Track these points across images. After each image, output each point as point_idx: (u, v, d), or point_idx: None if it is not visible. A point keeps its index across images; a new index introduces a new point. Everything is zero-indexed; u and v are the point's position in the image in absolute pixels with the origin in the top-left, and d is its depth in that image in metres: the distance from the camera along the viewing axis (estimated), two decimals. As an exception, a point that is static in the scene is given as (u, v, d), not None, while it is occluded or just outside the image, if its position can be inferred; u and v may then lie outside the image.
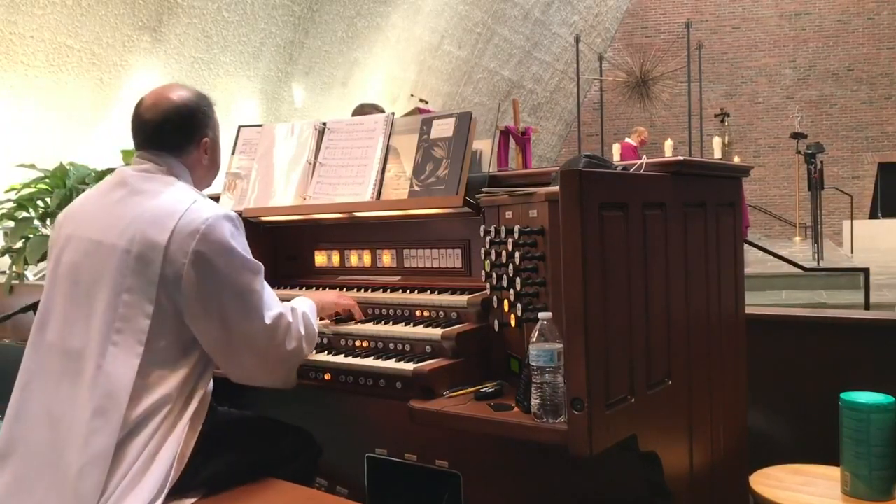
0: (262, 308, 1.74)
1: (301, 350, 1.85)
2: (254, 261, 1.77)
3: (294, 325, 1.82)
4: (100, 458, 1.59)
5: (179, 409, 1.70)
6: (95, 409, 1.61)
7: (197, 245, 1.65)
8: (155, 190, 1.75)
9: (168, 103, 1.82)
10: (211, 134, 1.90)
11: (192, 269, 1.65)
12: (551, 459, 2.02)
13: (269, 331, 1.75)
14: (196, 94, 1.89)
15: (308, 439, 2.04)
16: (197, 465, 1.75)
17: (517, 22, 13.67)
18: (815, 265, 8.00)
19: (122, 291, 1.65)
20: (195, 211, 1.69)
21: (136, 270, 1.65)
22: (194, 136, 1.85)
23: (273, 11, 8.61)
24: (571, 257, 1.47)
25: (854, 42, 15.76)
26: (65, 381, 1.68)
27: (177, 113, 1.81)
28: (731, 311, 2.08)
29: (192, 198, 1.74)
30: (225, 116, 8.69)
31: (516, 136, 7.73)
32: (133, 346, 1.64)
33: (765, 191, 16.13)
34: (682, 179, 1.81)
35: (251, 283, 1.73)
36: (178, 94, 1.84)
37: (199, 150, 1.87)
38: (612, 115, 15.74)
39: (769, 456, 2.30)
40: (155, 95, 1.84)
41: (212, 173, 1.97)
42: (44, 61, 6.52)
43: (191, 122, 1.84)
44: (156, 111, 1.81)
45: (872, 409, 1.95)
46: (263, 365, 1.81)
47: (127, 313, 1.64)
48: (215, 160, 1.96)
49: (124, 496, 1.59)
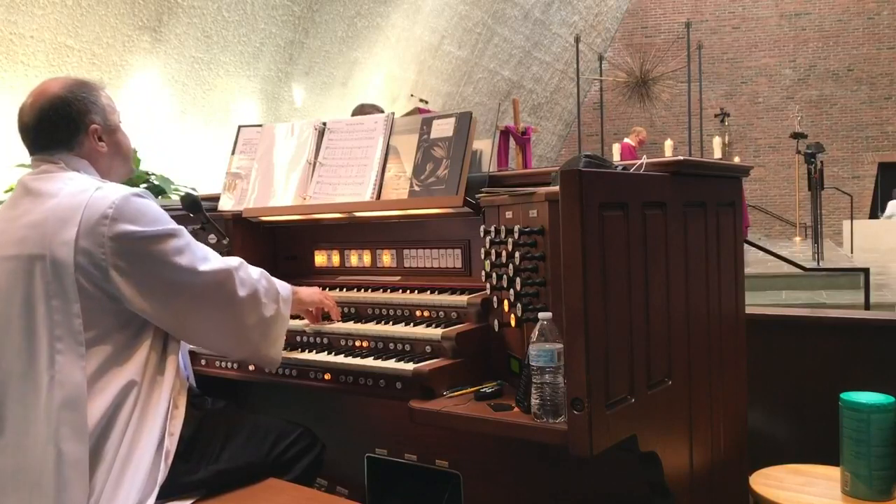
0: (196, 263, 1.71)
1: (257, 301, 1.81)
2: (172, 227, 1.72)
3: (241, 272, 1.79)
4: (76, 464, 1.58)
5: (148, 392, 1.69)
6: (59, 420, 1.59)
7: (110, 231, 1.62)
8: (56, 189, 1.70)
9: (42, 100, 1.76)
10: (99, 119, 1.80)
11: (115, 259, 1.63)
12: (551, 459, 2.02)
13: (213, 279, 1.72)
14: (71, 83, 1.81)
15: (312, 439, 2.02)
16: (195, 463, 1.75)
17: (517, 22, 13.67)
18: (815, 265, 7.99)
19: (51, 298, 1.62)
20: (98, 199, 1.65)
21: (54, 273, 1.62)
22: (78, 125, 1.77)
23: (273, 11, 8.61)
24: (571, 257, 1.46)
25: (854, 42, 15.76)
26: (27, 406, 1.64)
27: (51, 107, 1.75)
28: (731, 311, 2.07)
29: (95, 185, 1.69)
30: (225, 116, 8.71)
31: (516, 136, 7.75)
32: (74, 347, 1.61)
33: (765, 191, 16.14)
34: (682, 179, 1.81)
35: (177, 246, 1.70)
36: (50, 89, 1.77)
37: (90, 138, 1.79)
38: (612, 115, 15.74)
39: (769, 456, 2.30)
40: (30, 95, 1.79)
41: (118, 160, 1.88)
42: (44, 61, 6.52)
43: (68, 113, 1.76)
44: (32, 111, 1.76)
45: (872, 409, 1.95)
46: (223, 324, 1.78)
47: (60, 319, 1.62)
48: (117, 145, 1.87)
49: (114, 492, 1.59)
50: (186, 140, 8.10)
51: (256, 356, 1.91)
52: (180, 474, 1.72)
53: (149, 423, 1.67)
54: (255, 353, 1.90)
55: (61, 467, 1.57)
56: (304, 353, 2.14)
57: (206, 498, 1.76)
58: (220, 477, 1.80)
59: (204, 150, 8.08)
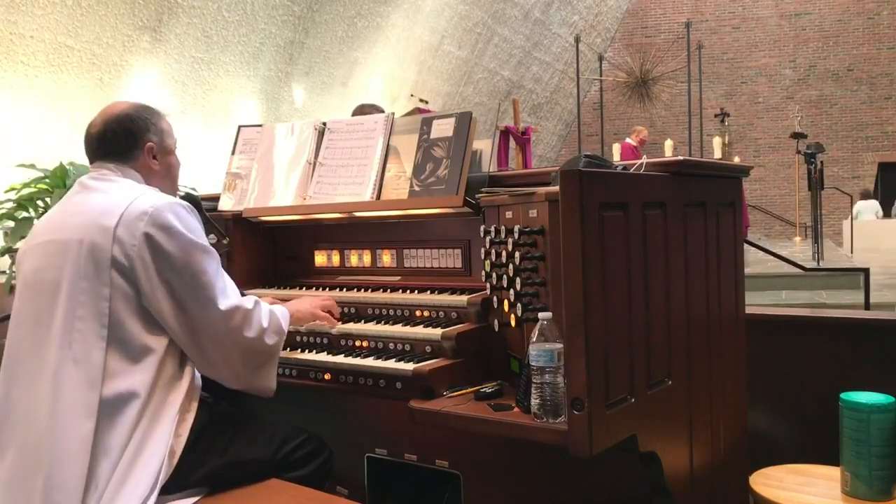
0: (215, 292, 1.76)
1: (262, 342, 1.84)
2: (205, 244, 1.79)
3: (254, 314, 1.83)
4: (81, 441, 1.59)
5: (163, 394, 1.70)
6: (70, 396, 1.62)
7: (146, 227, 1.70)
8: (107, 187, 1.83)
9: (108, 115, 1.93)
10: (156, 139, 1.95)
11: (143, 251, 1.70)
12: (551, 459, 2.02)
13: (224, 315, 1.76)
14: (136, 104, 1.98)
15: (320, 444, 2.01)
16: (196, 460, 1.75)
17: (517, 22, 13.67)
18: (815, 265, 7.99)
19: (80, 279, 1.69)
20: (143, 199, 1.76)
21: (88, 257, 1.70)
22: (137, 140, 1.92)
23: (273, 11, 8.61)
24: (571, 257, 1.46)
25: (854, 42, 15.76)
26: (39, 379, 1.68)
27: (116, 121, 1.92)
28: (731, 311, 2.07)
29: (142, 190, 1.81)
30: (225, 116, 8.71)
31: (516, 136, 7.74)
32: (97, 329, 1.67)
33: (765, 191, 16.13)
34: (682, 179, 1.81)
35: (202, 263, 1.75)
36: (118, 107, 1.95)
37: (145, 154, 1.92)
38: (612, 115, 15.74)
39: (769, 456, 2.30)
40: (99, 113, 1.96)
41: (167, 181, 2.00)
42: (44, 61, 6.51)
43: (129, 128, 1.91)
44: (98, 125, 1.93)
45: (872, 409, 1.95)
46: (226, 355, 1.81)
47: (86, 300, 1.68)
48: (169, 166, 2.00)
49: (119, 489, 1.59)
50: (186, 140, 8.08)
51: (250, 388, 1.92)
52: (186, 467, 1.72)
53: (161, 424, 1.68)
54: (248, 387, 1.91)
55: (64, 442, 1.59)
56: (304, 353, 2.15)
57: (208, 495, 1.76)
58: (225, 472, 1.80)
59: (204, 150, 8.08)
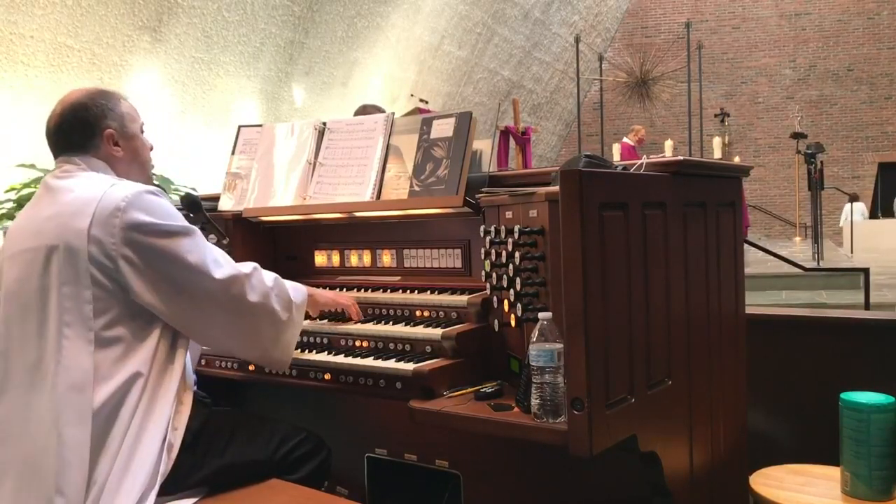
0: (208, 266, 1.73)
1: (268, 306, 1.83)
2: (184, 224, 1.76)
3: (254, 277, 1.81)
4: (77, 448, 1.59)
5: (155, 384, 1.70)
6: (63, 403, 1.61)
7: (122, 224, 1.66)
8: (73, 185, 1.77)
9: (64, 106, 1.87)
10: (115, 125, 1.88)
11: (124, 250, 1.66)
12: (551, 459, 2.02)
13: (223, 284, 1.74)
14: (91, 90, 1.91)
15: (319, 443, 2.01)
16: (195, 462, 1.75)
17: (517, 22, 13.67)
18: (815, 265, 7.99)
19: (61, 285, 1.66)
20: (113, 192, 1.71)
21: (67, 261, 1.66)
22: (94, 128, 1.86)
23: (273, 11, 8.61)
24: (571, 257, 1.46)
25: (854, 42, 15.77)
26: (32, 391, 1.66)
27: (71, 111, 1.85)
28: (731, 311, 2.07)
29: (109, 183, 1.75)
30: (225, 116, 8.71)
31: (516, 136, 7.74)
32: (83, 333, 1.64)
33: (765, 191, 16.14)
34: (682, 179, 1.81)
35: (187, 244, 1.72)
36: (72, 96, 1.88)
37: (105, 141, 1.87)
38: (612, 115, 15.75)
39: (769, 456, 2.30)
40: (56, 104, 1.89)
41: (135, 167, 1.94)
42: (44, 61, 6.52)
43: (85, 117, 1.85)
44: (55, 117, 1.87)
45: (872, 409, 1.95)
46: (232, 325, 1.80)
47: (70, 305, 1.65)
48: (134, 151, 1.93)
49: (117, 486, 1.59)
50: (186, 140, 8.10)
51: (265, 359, 1.92)
52: (185, 469, 1.72)
53: (155, 415, 1.68)
54: (262, 357, 1.91)
55: (62, 450, 1.58)
56: (304, 353, 2.14)
57: (207, 496, 1.76)
58: (224, 473, 1.80)
59: (204, 150, 8.08)
